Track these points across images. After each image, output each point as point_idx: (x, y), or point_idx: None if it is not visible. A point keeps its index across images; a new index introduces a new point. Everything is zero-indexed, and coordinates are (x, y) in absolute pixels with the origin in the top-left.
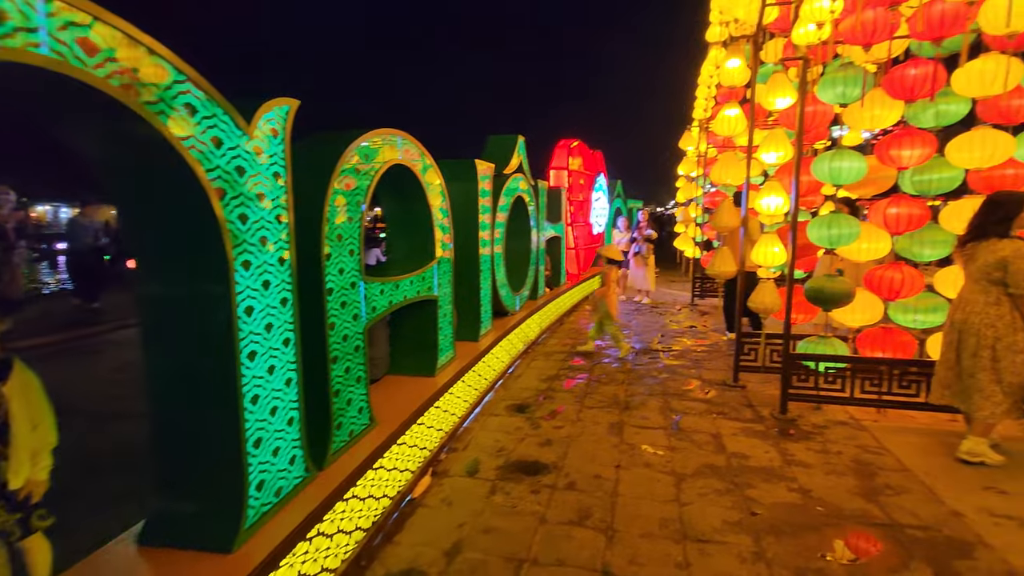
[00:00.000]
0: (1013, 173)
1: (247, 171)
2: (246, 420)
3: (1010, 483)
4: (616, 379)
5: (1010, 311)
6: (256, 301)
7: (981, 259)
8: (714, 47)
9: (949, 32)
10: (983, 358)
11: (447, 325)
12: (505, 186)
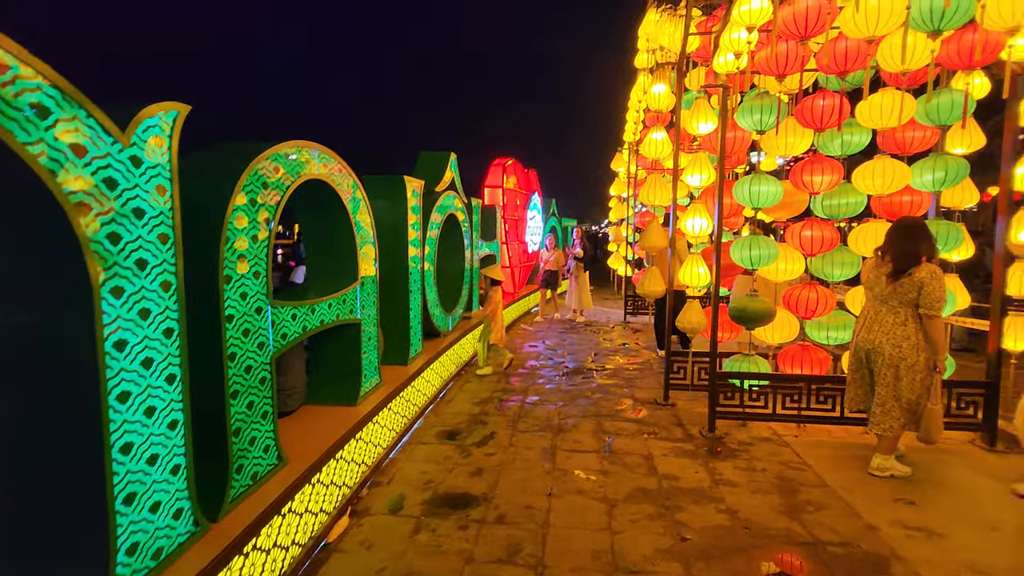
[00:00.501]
0: (909, 200)
1: (120, 184)
2: (115, 473)
3: (917, 494)
4: (550, 400)
5: (915, 332)
6: (131, 333)
7: (900, 280)
8: (641, 73)
9: (852, 67)
10: (887, 377)
11: (372, 350)
12: (437, 203)
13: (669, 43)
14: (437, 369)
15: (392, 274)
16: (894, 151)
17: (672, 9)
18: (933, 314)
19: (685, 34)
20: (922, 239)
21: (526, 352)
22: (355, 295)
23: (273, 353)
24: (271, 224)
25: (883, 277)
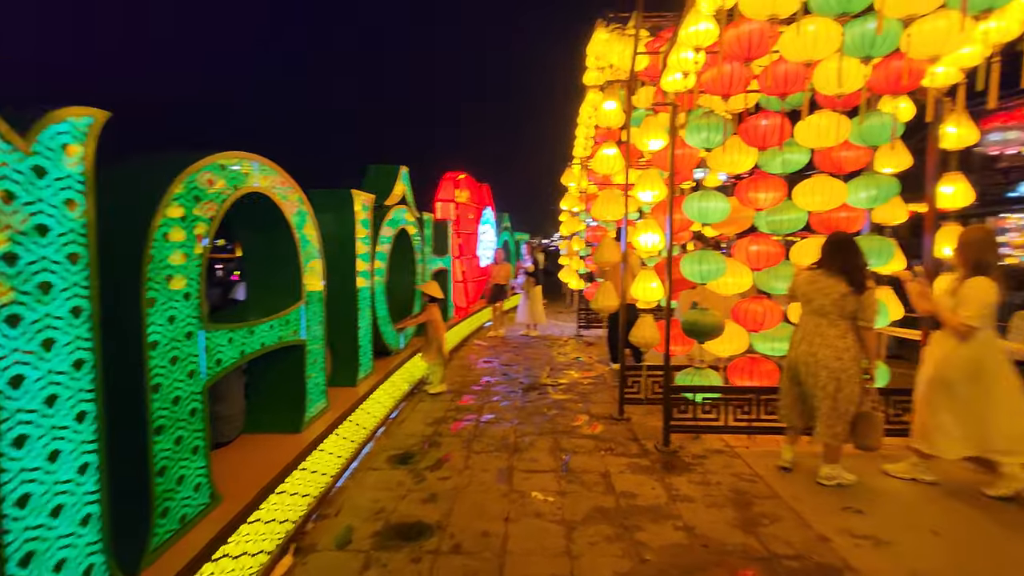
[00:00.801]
0: (846, 216)
1: (19, 197)
2: (6, 532)
3: (862, 501)
4: (505, 418)
5: (855, 343)
6: (30, 367)
7: (835, 294)
8: (591, 90)
9: (792, 89)
10: (828, 389)
11: (318, 372)
12: (388, 217)
13: (619, 61)
14: (388, 389)
15: (340, 290)
16: (830, 170)
17: (621, 28)
18: (871, 325)
19: (634, 53)
20: (859, 251)
21: (480, 368)
22: (300, 315)
23: (206, 381)
24: (205, 240)
25: (831, 290)
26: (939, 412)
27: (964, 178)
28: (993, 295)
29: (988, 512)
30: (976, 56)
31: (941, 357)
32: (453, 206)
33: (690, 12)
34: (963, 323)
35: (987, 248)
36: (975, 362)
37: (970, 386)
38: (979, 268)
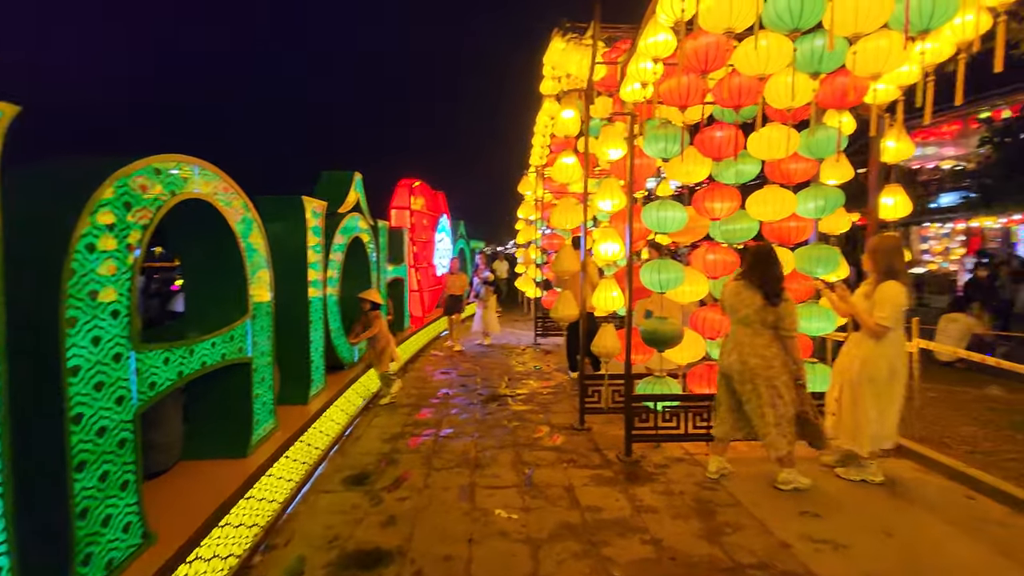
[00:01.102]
0: (795, 225)
1: None
2: None
3: (818, 505)
4: (465, 432)
5: (780, 350)
6: None
7: (755, 305)
8: (548, 99)
9: (746, 101)
10: (766, 397)
11: (266, 391)
12: (341, 225)
13: (576, 70)
14: (342, 405)
15: (291, 302)
16: (780, 181)
17: (578, 38)
18: (793, 335)
19: (592, 63)
20: (779, 264)
21: (438, 380)
22: (245, 330)
23: (138, 408)
24: (137, 251)
25: (751, 302)
26: (868, 409)
27: (903, 190)
28: (904, 298)
29: (932, 512)
30: (913, 75)
31: (864, 357)
32: (408, 213)
33: (649, 23)
34: (879, 324)
35: (895, 254)
36: (892, 359)
37: (889, 383)
38: (890, 273)
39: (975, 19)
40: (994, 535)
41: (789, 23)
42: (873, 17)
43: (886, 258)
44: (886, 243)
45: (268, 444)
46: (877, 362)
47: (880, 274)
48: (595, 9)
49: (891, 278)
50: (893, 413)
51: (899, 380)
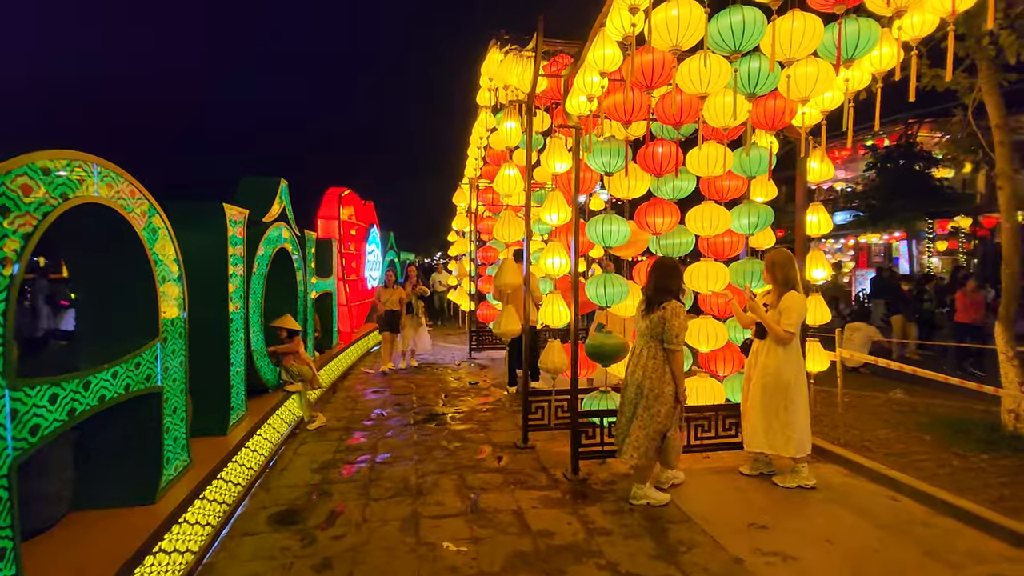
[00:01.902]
0: (729, 240)
1: None
2: None
3: (764, 515)
4: (404, 456)
5: (663, 364)
6: None
7: (649, 316)
8: (483, 110)
9: (686, 119)
10: (640, 407)
11: (178, 423)
12: (265, 236)
13: (518, 82)
14: (267, 433)
15: (208, 320)
16: (714, 197)
17: (518, 50)
18: (674, 348)
19: (534, 75)
20: (673, 277)
21: (370, 400)
22: (154, 355)
23: (15, 459)
24: (16, 267)
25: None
26: (780, 415)
27: (824, 209)
28: (805, 306)
29: (864, 516)
30: (835, 100)
31: (777, 366)
32: (337, 223)
33: (598, 36)
34: (786, 331)
35: (791, 266)
36: (799, 365)
37: (798, 391)
38: (787, 283)
39: (892, 51)
40: (920, 536)
41: (731, 44)
42: (806, 44)
43: (783, 270)
44: (781, 257)
45: (181, 485)
46: (790, 369)
47: (779, 285)
48: (539, 22)
49: (789, 288)
50: (807, 416)
51: (804, 384)
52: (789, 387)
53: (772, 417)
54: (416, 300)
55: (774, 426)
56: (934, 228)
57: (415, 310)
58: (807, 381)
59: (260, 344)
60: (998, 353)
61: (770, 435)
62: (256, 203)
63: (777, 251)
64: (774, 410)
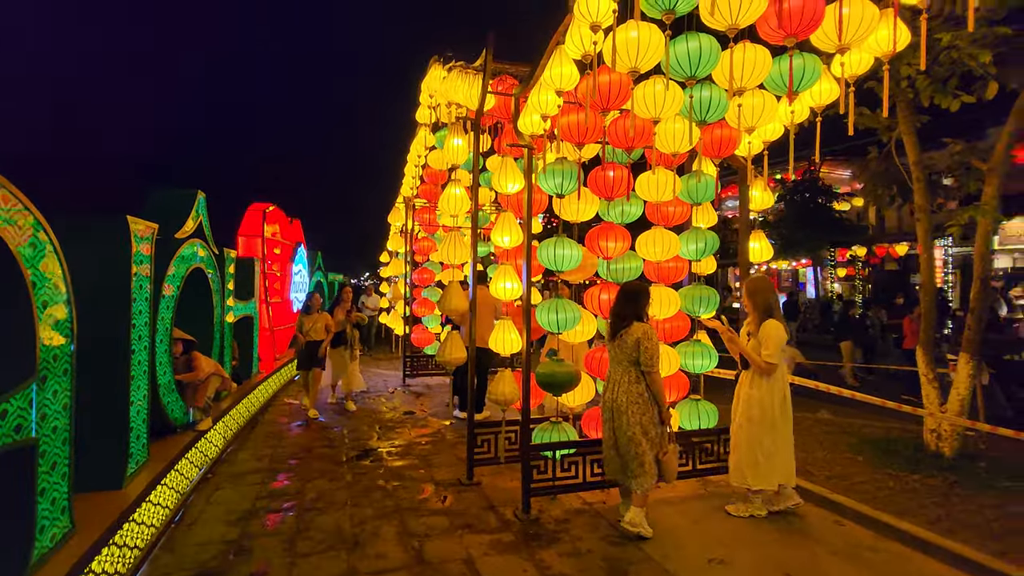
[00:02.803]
0: (675, 265)
1: None
2: None
3: (721, 548)
4: (336, 500)
5: (645, 387)
6: None
7: (619, 342)
8: (423, 127)
9: (638, 143)
10: (636, 433)
11: (57, 482)
12: (178, 253)
13: (464, 100)
14: (174, 481)
15: (104, 351)
16: (660, 222)
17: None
18: (651, 370)
19: (483, 92)
20: (640, 302)
21: (295, 435)
22: (28, 399)
23: None
24: None
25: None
26: (765, 446)
27: (764, 236)
28: (784, 334)
29: (818, 543)
30: (776, 132)
31: (760, 397)
32: (261, 241)
33: (555, 53)
34: (767, 361)
35: (770, 293)
36: (784, 394)
37: (783, 420)
38: (768, 311)
39: (831, 86)
40: (871, 562)
41: (687, 70)
42: (756, 75)
43: (763, 298)
44: (761, 284)
45: (60, 558)
46: (774, 401)
47: (760, 313)
48: (488, 39)
49: (770, 316)
50: (789, 449)
51: (789, 413)
52: (775, 418)
53: (756, 448)
54: (351, 329)
55: (759, 458)
56: (835, 256)
57: (349, 341)
58: (790, 410)
59: (168, 378)
60: (920, 376)
61: (754, 468)
62: (168, 217)
63: (757, 278)
64: (758, 441)
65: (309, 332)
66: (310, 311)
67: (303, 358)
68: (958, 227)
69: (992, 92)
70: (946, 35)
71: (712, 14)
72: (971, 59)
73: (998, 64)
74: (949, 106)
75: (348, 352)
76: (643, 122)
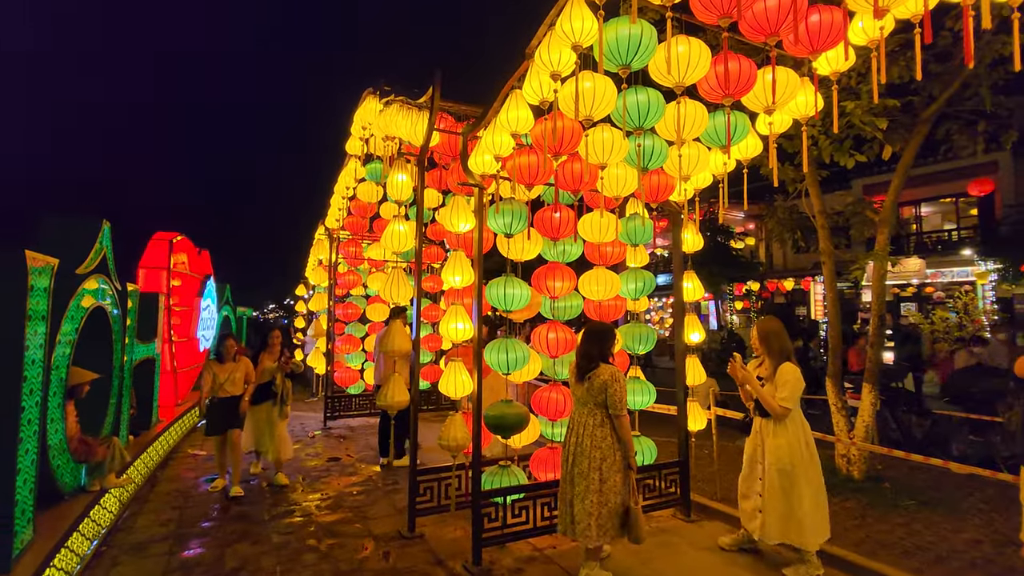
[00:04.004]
0: (614, 304)
1: None
2: None
3: None
4: (262, 567)
5: (611, 431)
6: None
7: (587, 384)
8: (352, 158)
9: (584, 187)
10: (593, 480)
11: None
12: (78, 291)
13: (408, 135)
14: (64, 562)
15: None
16: (598, 263)
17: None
18: (619, 414)
19: (429, 129)
20: (607, 342)
21: (204, 492)
22: None
23: None
24: None
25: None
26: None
27: (696, 276)
28: (801, 379)
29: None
30: (705, 180)
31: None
32: (166, 275)
33: (511, 97)
34: (782, 406)
35: (785, 336)
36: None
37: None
38: (783, 354)
39: (755, 142)
40: None
41: (636, 121)
42: (696, 128)
43: (778, 340)
44: (773, 325)
45: None
46: (799, 445)
47: (775, 356)
48: (435, 77)
49: (785, 359)
50: (824, 499)
51: (817, 461)
52: (807, 466)
53: (795, 504)
54: (282, 380)
55: (796, 514)
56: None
57: (280, 395)
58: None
59: (59, 436)
60: (829, 405)
61: (785, 523)
62: (69, 250)
63: (769, 319)
64: (797, 493)
65: (224, 385)
66: (223, 359)
67: (215, 419)
68: (861, 271)
69: (887, 154)
70: (850, 103)
71: (669, 71)
72: (866, 125)
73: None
74: (846, 163)
75: (277, 409)
76: (591, 166)
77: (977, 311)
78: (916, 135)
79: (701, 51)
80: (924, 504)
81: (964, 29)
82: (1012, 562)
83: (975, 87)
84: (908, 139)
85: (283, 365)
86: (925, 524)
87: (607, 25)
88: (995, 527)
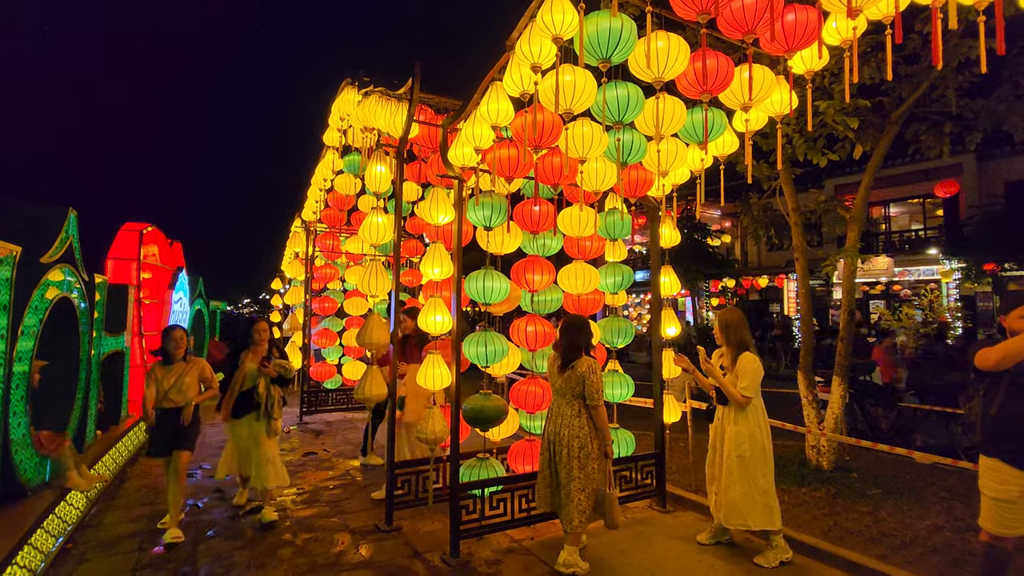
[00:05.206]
0: (593, 298)
1: None
2: None
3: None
4: (237, 564)
5: (588, 421)
6: None
7: (567, 375)
8: (330, 150)
9: (564, 181)
10: (573, 468)
11: None
12: (42, 281)
13: (387, 127)
14: (27, 559)
15: None
16: (577, 256)
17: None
18: (596, 404)
19: (408, 121)
20: (585, 334)
21: None
22: None
23: None
24: None
25: (557, 370)
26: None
27: (673, 271)
28: (760, 367)
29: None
30: (683, 176)
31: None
32: (136, 266)
33: (491, 89)
34: (742, 394)
35: (744, 326)
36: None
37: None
38: (742, 345)
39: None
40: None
41: (616, 115)
42: (675, 123)
43: (736, 331)
44: (734, 317)
45: None
46: (760, 432)
47: (734, 346)
48: (415, 68)
49: (744, 349)
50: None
51: (771, 449)
52: (766, 453)
53: (752, 488)
54: (266, 387)
55: (755, 497)
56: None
57: (265, 406)
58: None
59: (22, 431)
60: (801, 397)
61: (750, 508)
62: (32, 238)
63: (730, 310)
64: (753, 479)
65: (169, 393)
66: (170, 358)
67: (158, 436)
68: (832, 267)
69: (858, 153)
70: (823, 103)
71: (648, 65)
72: (838, 125)
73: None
74: (819, 162)
75: (265, 424)
76: (571, 160)
77: (942, 308)
78: (886, 135)
79: (680, 47)
80: (889, 493)
81: (932, 30)
82: (972, 547)
83: (942, 89)
84: (878, 139)
85: (264, 368)
86: (890, 512)
87: (588, 18)
88: (955, 513)
